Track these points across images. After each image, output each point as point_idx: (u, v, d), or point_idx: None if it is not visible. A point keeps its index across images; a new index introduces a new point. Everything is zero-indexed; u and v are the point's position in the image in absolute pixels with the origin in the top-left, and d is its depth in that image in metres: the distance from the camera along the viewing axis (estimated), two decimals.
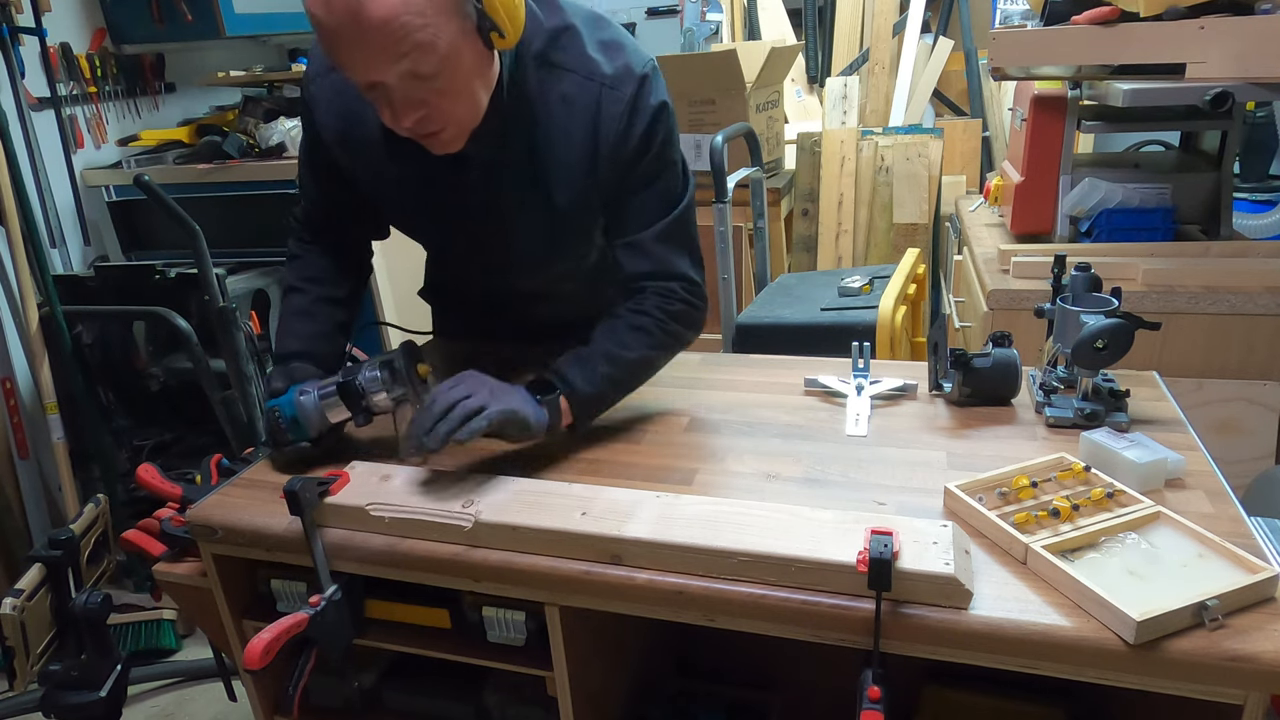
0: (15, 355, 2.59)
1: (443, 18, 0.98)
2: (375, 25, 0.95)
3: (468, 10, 1.00)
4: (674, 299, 1.24)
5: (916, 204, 3.19)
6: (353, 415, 1.14)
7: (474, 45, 1.04)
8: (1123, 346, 1.14)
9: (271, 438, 1.18)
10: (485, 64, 1.08)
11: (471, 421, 1.06)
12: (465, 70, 1.04)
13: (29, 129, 2.64)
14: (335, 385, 1.13)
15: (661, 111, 1.18)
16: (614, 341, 1.22)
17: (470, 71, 1.05)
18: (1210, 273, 1.81)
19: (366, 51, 0.98)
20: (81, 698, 1.46)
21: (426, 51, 0.99)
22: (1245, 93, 1.71)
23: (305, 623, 1.01)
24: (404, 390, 1.12)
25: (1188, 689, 0.80)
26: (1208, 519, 0.95)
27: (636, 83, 1.15)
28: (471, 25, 1.02)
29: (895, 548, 0.86)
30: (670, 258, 1.24)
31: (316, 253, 1.36)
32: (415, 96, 1.03)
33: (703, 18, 3.58)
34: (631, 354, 1.22)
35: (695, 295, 1.27)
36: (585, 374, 1.18)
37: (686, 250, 1.26)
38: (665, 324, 1.23)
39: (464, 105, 1.08)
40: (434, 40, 0.98)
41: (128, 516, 2.44)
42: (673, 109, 1.21)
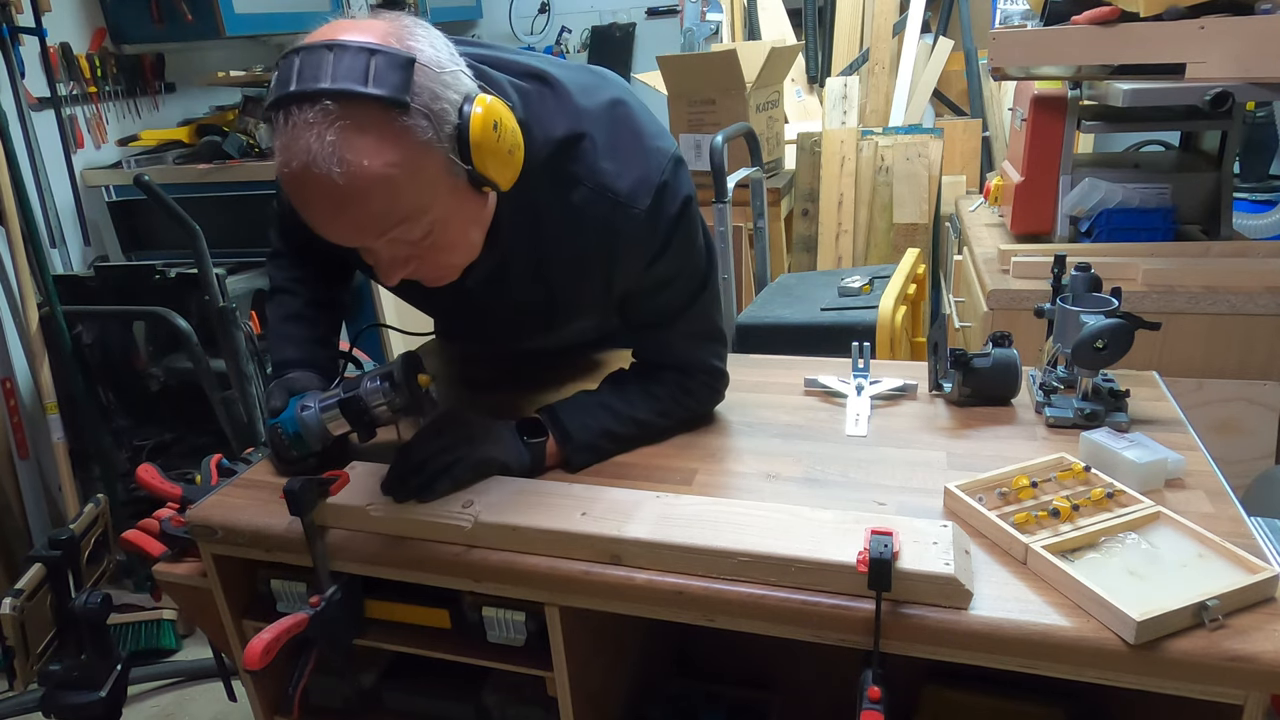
0: (15, 355, 2.59)
1: (429, 187, 0.90)
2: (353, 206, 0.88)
3: (455, 172, 0.91)
4: (693, 383, 1.22)
5: (916, 204, 3.19)
6: (354, 429, 1.14)
7: (466, 199, 0.96)
8: (1123, 346, 1.14)
9: (276, 454, 1.18)
10: (479, 209, 1.00)
11: (439, 481, 1.04)
12: (457, 224, 0.97)
13: (29, 129, 2.64)
14: (336, 400, 1.13)
15: (682, 216, 1.09)
16: (620, 397, 1.18)
17: (463, 223, 0.98)
18: (1210, 273, 1.81)
19: (348, 227, 0.91)
20: (81, 698, 1.46)
21: (414, 222, 0.92)
22: (1245, 93, 1.71)
23: (305, 623, 1.01)
24: (405, 402, 1.12)
25: (1188, 689, 0.80)
26: (1208, 519, 0.95)
27: (653, 194, 1.05)
28: (462, 182, 0.93)
29: (895, 548, 0.86)
30: (692, 351, 1.21)
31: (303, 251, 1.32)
32: (403, 255, 0.97)
33: (703, 18, 3.58)
34: (637, 414, 1.18)
35: (716, 382, 1.25)
36: (581, 421, 1.14)
37: (709, 340, 1.22)
38: (680, 400, 1.21)
39: (458, 254, 1.02)
40: (423, 211, 0.92)
41: (128, 516, 2.44)
42: (695, 202, 1.12)
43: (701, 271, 1.17)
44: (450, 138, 0.89)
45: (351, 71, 0.83)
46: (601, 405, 1.17)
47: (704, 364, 1.22)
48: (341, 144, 0.84)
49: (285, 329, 1.28)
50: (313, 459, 1.16)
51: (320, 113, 0.83)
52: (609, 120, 1.06)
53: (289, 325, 1.29)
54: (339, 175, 0.84)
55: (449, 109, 0.89)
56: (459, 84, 0.91)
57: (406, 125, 0.86)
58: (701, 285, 1.17)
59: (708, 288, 1.19)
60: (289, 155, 0.86)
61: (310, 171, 0.85)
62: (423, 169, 0.89)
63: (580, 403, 1.17)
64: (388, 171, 0.86)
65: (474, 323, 1.28)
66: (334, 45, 0.85)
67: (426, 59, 0.88)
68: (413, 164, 0.87)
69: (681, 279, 1.15)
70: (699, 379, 1.23)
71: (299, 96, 0.84)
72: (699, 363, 1.22)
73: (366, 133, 0.84)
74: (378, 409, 1.12)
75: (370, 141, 0.85)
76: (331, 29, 0.88)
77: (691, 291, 1.17)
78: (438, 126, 0.88)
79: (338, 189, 0.85)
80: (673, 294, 1.15)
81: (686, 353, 1.21)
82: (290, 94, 0.84)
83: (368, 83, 0.83)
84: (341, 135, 0.84)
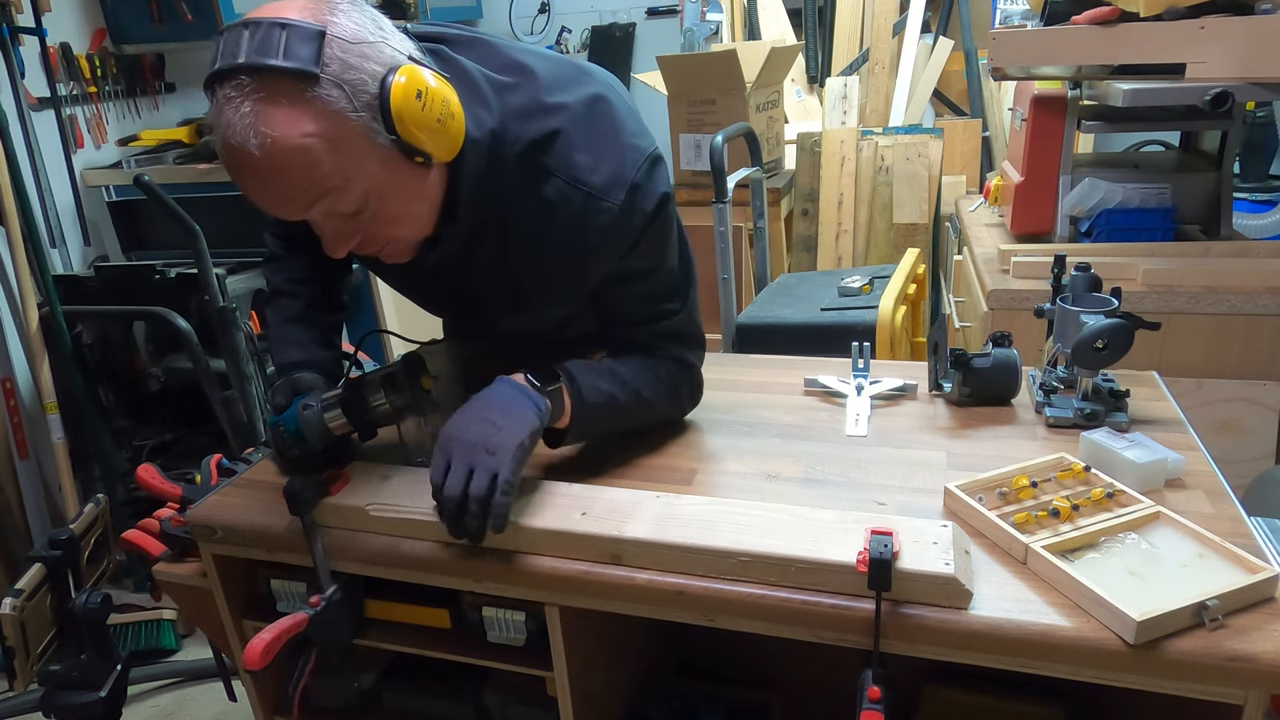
0: (15, 355, 2.59)
1: (350, 158, 0.91)
2: (275, 178, 0.90)
3: (379, 142, 0.92)
4: (685, 368, 1.22)
5: (916, 204, 3.19)
6: (355, 429, 1.14)
7: (400, 170, 0.95)
8: (1123, 346, 1.14)
9: (278, 452, 1.18)
10: (419, 182, 0.98)
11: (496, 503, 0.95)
12: (395, 196, 0.97)
13: (29, 129, 2.64)
14: (337, 399, 1.13)
15: (657, 215, 1.08)
16: (627, 369, 1.16)
17: (400, 195, 0.97)
18: (1210, 273, 1.81)
19: (276, 198, 0.93)
20: (81, 698, 1.46)
21: (341, 194, 0.93)
22: (1245, 93, 1.71)
23: (305, 623, 1.01)
24: (406, 403, 1.12)
25: (1188, 689, 0.80)
26: (1208, 519, 0.95)
27: (627, 190, 1.04)
28: (393, 153, 0.93)
29: (895, 548, 0.86)
30: (679, 350, 1.21)
31: (299, 251, 1.32)
32: (344, 230, 0.98)
33: (703, 18, 3.58)
34: (643, 389, 1.16)
35: (696, 379, 1.25)
36: (592, 382, 1.11)
37: (689, 342, 1.22)
38: (675, 381, 1.21)
39: (403, 227, 1.01)
40: (347, 182, 0.92)
41: (128, 516, 2.43)
42: (672, 201, 1.11)
43: (677, 271, 1.18)
44: (369, 107, 0.91)
45: (264, 46, 0.87)
46: (610, 373, 1.14)
47: (690, 364, 1.23)
48: (256, 116, 0.87)
49: (287, 331, 1.29)
50: (315, 457, 1.16)
51: (236, 87, 0.87)
52: (587, 115, 1.06)
53: (290, 328, 1.29)
54: (255, 146, 0.87)
55: (367, 79, 0.90)
56: (380, 55, 0.92)
57: (318, 95, 0.88)
58: (679, 287, 1.18)
59: (687, 289, 1.19)
60: (216, 130, 0.90)
61: (231, 144, 0.88)
62: (340, 139, 0.90)
63: (591, 366, 1.14)
64: (303, 142, 0.88)
65: (443, 300, 1.30)
66: (250, 23, 0.88)
67: (341, 31, 0.90)
68: (328, 134, 0.89)
69: (657, 276, 1.15)
70: (688, 370, 1.23)
71: (221, 74, 0.88)
72: (685, 360, 1.22)
73: (279, 105, 0.87)
74: (379, 409, 1.12)
75: (284, 113, 0.87)
76: (259, 9, 0.91)
77: (668, 290, 1.17)
78: (353, 96, 0.89)
79: (256, 160, 0.88)
80: (648, 293, 1.15)
81: (673, 351, 1.20)
82: (215, 72, 0.88)
83: (279, 56, 0.86)
84: (256, 107, 0.87)
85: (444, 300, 1.31)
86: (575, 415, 1.09)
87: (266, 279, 1.33)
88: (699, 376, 1.25)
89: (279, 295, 1.31)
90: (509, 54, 1.09)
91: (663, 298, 1.17)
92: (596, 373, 1.12)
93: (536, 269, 1.12)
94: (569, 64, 1.12)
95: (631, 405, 1.15)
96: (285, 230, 1.33)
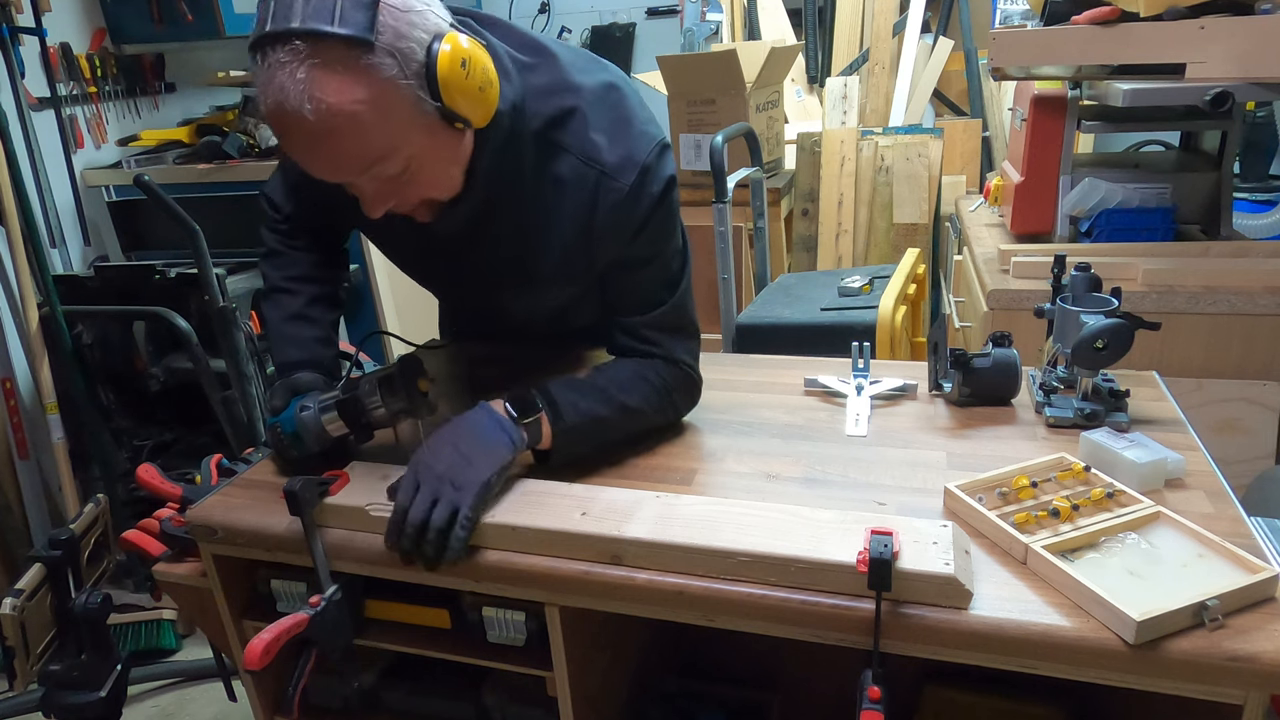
0: (15, 355, 2.60)
1: (399, 125, 0.93)
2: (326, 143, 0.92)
3: (425, 109, 0.94)
4: (679, 374, 1.22)
5: (916, 204, 3.19)
6: (351, 431, 1.14)
7: (441, 136, 0.98)
8: (1123, 346, 1.14)
9: (277, 453, 1.19)
10: (456, 146, 1.02)
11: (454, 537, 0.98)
12: (433, 160, 1.00)
13: (29, 129, 2.64)
14: (334, 401, 1.13)
15: (663, 199, 1.11)
16: (613, 382, 1.16)
17: (439, 159, 1.01)
18: (1210, 273, 1.81)
19: (324, 163, 0.95)
20: (81, 698, 1.46)
21: (390, 159, 0.95)
22: (1245, 93, 1.71)
23: (305, 623, 1.01)
24: (403, 406, 1.12)
25: (1188, 689, 0.80)
26: (1208, 519, 0.95)
27: (638, 172, 1.08)
28: (434, 119, 0.96)
29: (895, 548, 0.86)
30: (667, 343, 1.21)
31: (298, 247, 1.32)
32: (385, 191, 1.00)
33: (703, 18, 3.58)
34: (629, 400, 1.16)
35: (694, 377, 1.25)
36: (573, 401, 1.12)
37: (684, 335, 1.23)
38: (670, 393, 1.21)
39: (437, 187, 1.04)
40: (397, 148, 0.95)
41: (128, 516, 2.44)
42: (676, 187, 1.14)
43: (678, 261, 1.20)
44: (418, 75, 0.92)
45: (319, 12, 0.87)
46: (594, 389, 1.15)
47: (679, 359, 1.22)
48: (310, 82, 0.87)
49: (286, 330, 1.28)
50: (313, 458, 1.16)
51: (290, 51, 0.87)
52: (602, 100, 1.10)
53: (290, 326, 1.29)
54: (309, 112, 0.88)
55: (415, 47, 0.91)
56: (426, 23, 0.93)
57: (372, 63, 0.89)
58: (678, 277, 1.20)
59: (684, 284, 1.21)
60: (266, 94, 0.90)
61: (284, 109, 0.88)
62: (391, 106, 0.91)
63: (574, 384, 1.15)
64: (355, 109, 0.89)
65: (448, 276, 1.30)
66: None
67: None
68: (380, 101, 0.90)
69: (659, 262, 1.17)
70: (679, 370, 1.22)
71: (272, 37, 0.88)
72: (674, 357, 1.21)
73: (334, 71, 0.88)
74: (375, 411, 1.12)
75: (337, 80, 0.88)
76: None
77: (669, 280, 1.19)
78: (404, 64, 0.91)
79: (309, 125, 0.89)
80: (650, 281, 1.18)
81: (663, 344, 1.20)
82: (265, 35, 0.88)
83: (334, 22, 0.87)
84: (310, 73, 0.87)
85: (449, 276, 1.31)
86: (557, 438, 1.11)
87: (264, 275, 1.33)
88: (694, 376, 1.25)
89: (277, 292, 1.30)
90: (527, 35, 1.12)
91: (660, 287, 1.19)
92: (580, 391, 1.13)
93: (543, 244, 1.14)
94: (584, 52, 1.16)
95: (618, 419, 1.16)
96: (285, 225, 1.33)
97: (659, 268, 1.18)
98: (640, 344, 1.20)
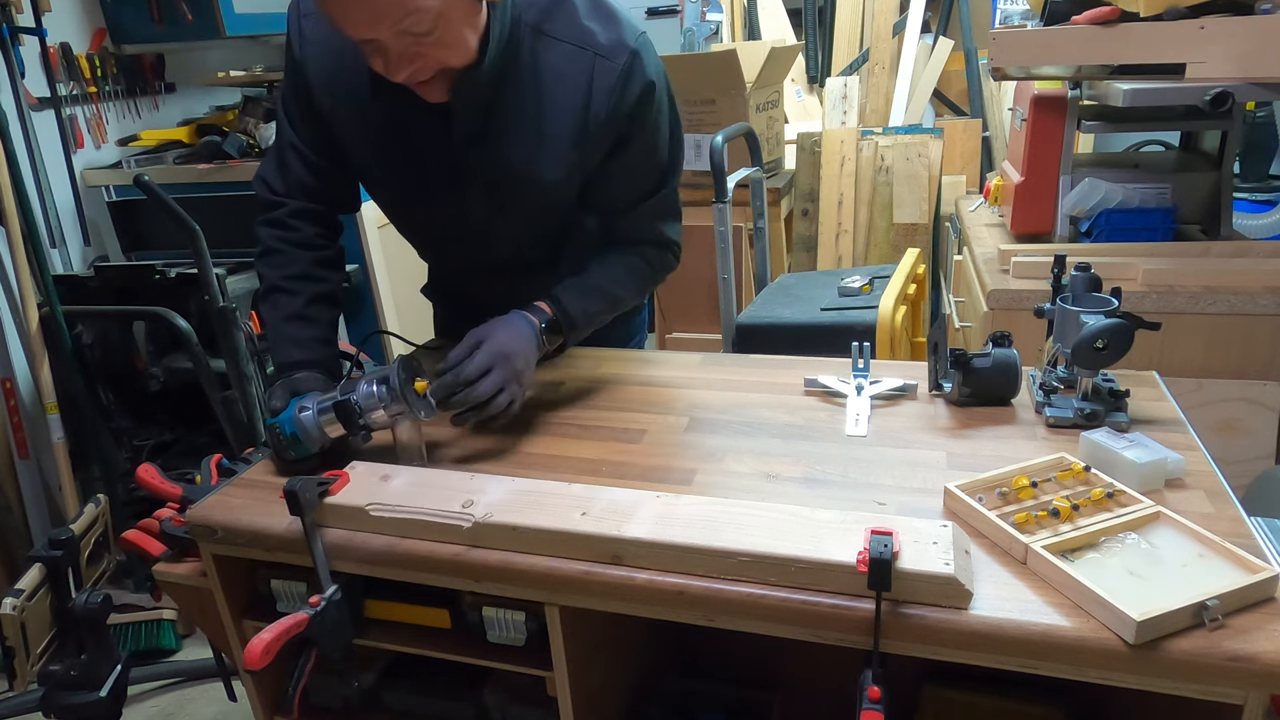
0: (15, 355, 2.60)
1: None
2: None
3: None
4: (667, 255, 1.39)
5: (916, 204, 3.19)
6: (350, 433, 1.14)
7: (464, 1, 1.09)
8: (1123, 346, 1.14)
9: (276, 453, 1.19)
10: (475, 12, 1.12)
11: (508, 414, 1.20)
12: (457, 22, 1.09)
13: (29, 129, 2.64)
14: (332, 403, 1.13)
15: (655, 83, 1.23)
16: (611, 280, 1.34)
17: (461, 22, 1.10)
18: (1210, 273, 1.81)
19: (368, 15, 1.03)
20: (81, 698, 1.46)
21: (421, 14, 1.04)
22: (1245, 93, 1.71)
23: (305, 623, 1.01)
24: (401, 407, 1.12)
25: (1188, 689, 0.80)
26: (1208, 519, 0.95)
27: (629, 54, 1.20)
28: None
29: (895, 548, 0.86)
30: (662, 228, 1.37)
31: (295, 241, 1.33)
32: (410, 51, 1.08)
33: (703, 18, 3.58)
34: (621, 291, 1.35)
35: (677, 253, 1.43)
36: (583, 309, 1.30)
37: (674, 218, 1.39)
38: (654, 275, 1.40)
39: (456, 53, 1.12)
40: (430, 5, 1.04)
41: (128, 516, 2.43)
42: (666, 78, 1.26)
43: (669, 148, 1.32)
44: None
45: None
46: (596, 290, 1.33)
47: (672, 240, 1.39)
48: None
49: (287, 330, 1.29)
50: (312, 459, 1.16)
51: None
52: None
53: (290, 326, 1.29)
54: None
55: None
56: None
57: None
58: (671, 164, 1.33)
59: (676, 171, 1.35)
60: None
61: None
62: None
63: (579, 288, 1.31)
64: None
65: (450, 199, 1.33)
66: None
67: None
68: None
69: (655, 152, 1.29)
70: (668, 252, 1.40)
71: None
72: (668, 239, 1.39)
73: None
74: (374, 414, 1.12)
75: None
76: None
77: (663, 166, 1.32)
78: None
79: None
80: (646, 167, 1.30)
81: (658, 228, 1.37)
82: None
83: None
84: None
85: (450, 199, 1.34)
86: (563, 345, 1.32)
87: (261, 275, 1.33)
88: (678, 253, 1.42)
89: (275, 292, 1.31)
90: None
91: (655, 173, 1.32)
92: (588, 298, 1.32)
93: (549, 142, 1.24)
94: None
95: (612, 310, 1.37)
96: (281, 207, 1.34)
97: (655, 157, 1.30)
98: (636, 230, 1.35)
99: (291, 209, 1.34)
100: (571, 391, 1.39)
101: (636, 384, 1.41)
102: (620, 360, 1.50)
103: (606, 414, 1.30)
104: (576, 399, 1.36)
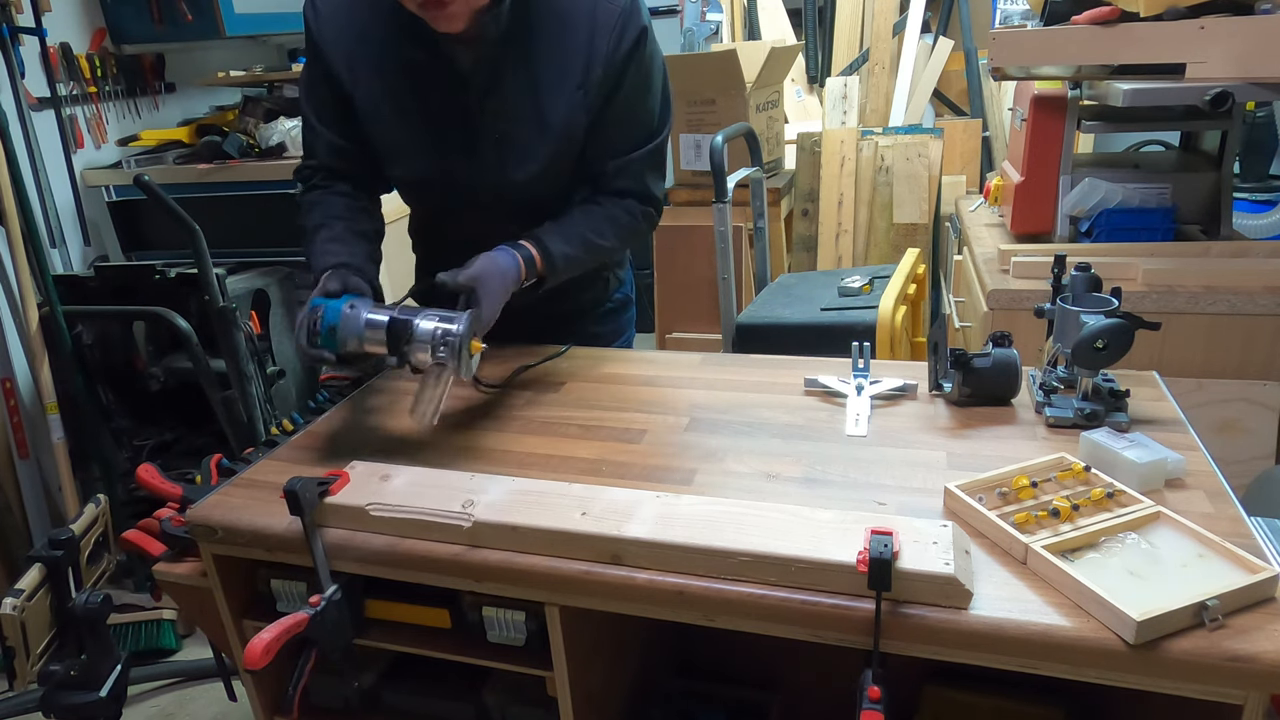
0: (15, 355, 2.60)
1: None
2: None
3: None
4: (649, 210, 1.44)
5: (916, 204, 3.19)
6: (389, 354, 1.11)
7: None
8: (1123, 346, 1.14)
9: (303, 336, 1.16)
10: None
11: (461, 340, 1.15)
12: None
13: (29, 129, 2.64)
14: (387, 319, 1.09)
15: (648, 30, 1.32)
16: (592, 229, 1.38)
17: None
18: (1210, 273, 1.81)
19: None
20: (81, 698, 1.46)
21: None
22: (1245, 93, 1.71)
23: (305, 623, 1.01)
24: (448, 356, 1.08)
25: (1188, 689, 0.80)
26: (1208, 519, 0.95)
27: None
28: None
29: (895, 548, 0.86)
30: (650, 182, 1.42)
31: (333, 191, 1.39)
32: None
33: (703, 18, 3.58)
34: (603, 241, 1.39)
35: (658, 210, 1.48)
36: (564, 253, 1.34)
37: (660, 173, 1.45)
38: (635, 227, 1.43)
39: None
40: None
41: (128, 516, 2.43)
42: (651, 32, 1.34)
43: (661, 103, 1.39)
44: None
45: None
46: (579, 236, 1.37)
47: (657, 196, 1.44)
48: None
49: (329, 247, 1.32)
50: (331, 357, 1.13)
51: None
52: None
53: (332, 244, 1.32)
54: None
55: None
56: None
57: None
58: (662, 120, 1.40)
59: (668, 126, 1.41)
60: None
61: None
62: None
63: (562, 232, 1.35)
64: None
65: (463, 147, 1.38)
66: None
67: None
68: None
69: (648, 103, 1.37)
70: (650, 206, 1.44)
71: None
72: (654, 194, 1.44)
73: None
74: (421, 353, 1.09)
75: None
76: None
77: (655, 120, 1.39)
78: None
79: None
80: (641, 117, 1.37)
81: (647, 182, 1.42)
82: None
83: None
84: None
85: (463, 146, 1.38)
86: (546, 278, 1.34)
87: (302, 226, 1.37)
88: (659, 204, 1.47)
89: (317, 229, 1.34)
90: None
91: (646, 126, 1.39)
92: (570, 244, 1.35)
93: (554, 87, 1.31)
94: None
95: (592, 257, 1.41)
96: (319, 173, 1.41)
97: (648, 108, 1.37)
98: (625, 180, 1.39)
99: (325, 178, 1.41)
100: (571, 391, 1.39)
101: (636, 384, 1.41)
102: (620, 360, 1.50)
103: (606, 414, 1.30)
104: (576, 399, 1.36)
